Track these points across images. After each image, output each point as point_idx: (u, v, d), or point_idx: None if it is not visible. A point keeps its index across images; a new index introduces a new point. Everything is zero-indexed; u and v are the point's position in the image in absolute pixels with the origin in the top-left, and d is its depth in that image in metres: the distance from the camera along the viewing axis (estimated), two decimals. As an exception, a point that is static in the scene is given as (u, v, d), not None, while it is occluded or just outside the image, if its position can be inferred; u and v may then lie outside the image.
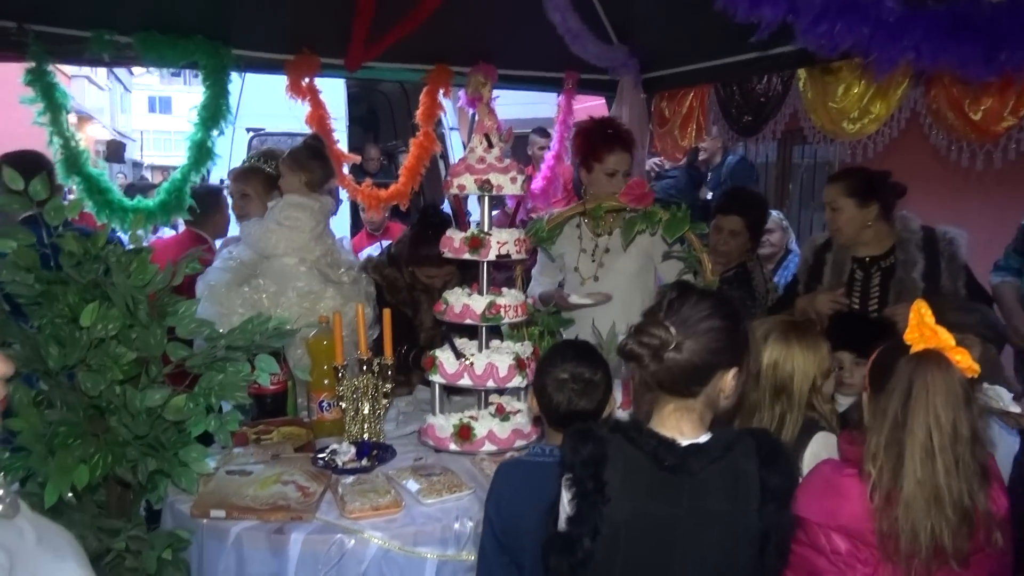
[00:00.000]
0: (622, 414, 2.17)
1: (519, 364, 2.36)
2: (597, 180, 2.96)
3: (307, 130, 3.72)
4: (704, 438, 1.41)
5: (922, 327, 1.40)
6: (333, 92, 4.90)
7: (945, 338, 1.38)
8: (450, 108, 5.30)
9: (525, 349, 2.50)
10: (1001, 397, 1.75)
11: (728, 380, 1.40)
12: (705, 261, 2.77)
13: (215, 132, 3.47)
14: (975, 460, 1.37)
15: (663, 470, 1.35)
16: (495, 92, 3.99)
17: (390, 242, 3.54)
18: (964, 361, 1.37)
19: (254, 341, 2.05)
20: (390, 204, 4.10)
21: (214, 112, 3.41)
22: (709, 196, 5.37)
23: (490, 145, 2.45)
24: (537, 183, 4.29)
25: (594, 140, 2.98)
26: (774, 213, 4.21)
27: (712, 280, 2.77)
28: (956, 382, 1.38)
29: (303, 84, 3.63)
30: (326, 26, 3.54)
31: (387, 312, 2.47)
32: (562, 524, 1.37)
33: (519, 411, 2.41)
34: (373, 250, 4.32)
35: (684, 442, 1.38)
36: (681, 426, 1.40)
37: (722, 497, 1.38)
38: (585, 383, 1.75)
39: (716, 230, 3.27)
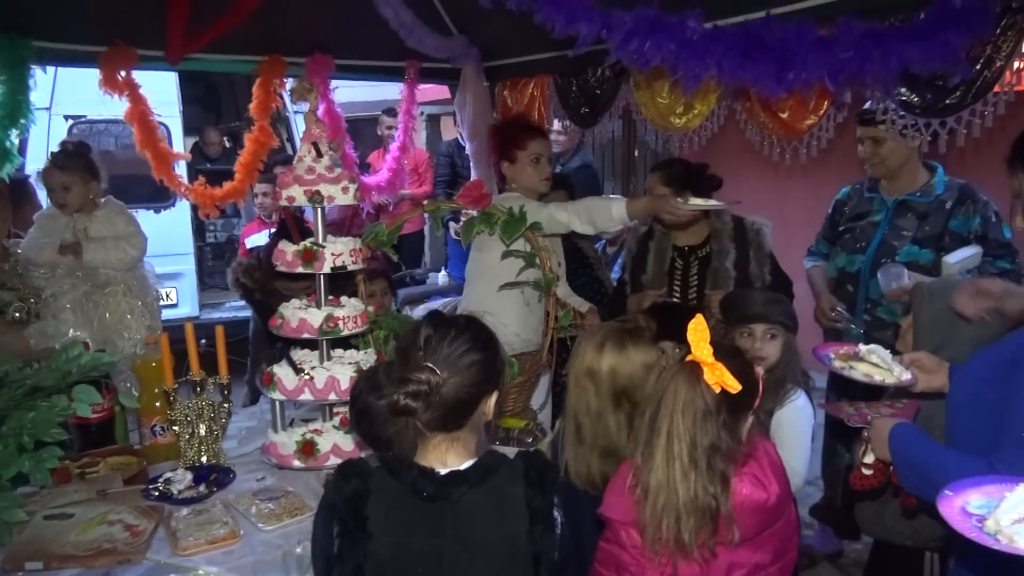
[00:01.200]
0: None
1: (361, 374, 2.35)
2: (522, 171, 2.97)
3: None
4: (466, 464, 1.42)
5: (693, 338, 1.49)
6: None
7: (705, 354, 1.48)
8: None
9: (368, 358, 2.49)
10: (884, 360, 1.86)
11: (490, 404, 1.45)
12: (544, 259, 2.85)
13: (14, 131, 3.17)
14: (712, 468, 1.48)
15: (423, 500, 1.37)
16: (334, 83, 3.93)
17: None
18: (719, 377, 1.47)
19: (67, 376, 1.92)
20: (226, 204, 3.91)
21: (12, 110, 3.10)
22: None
23: (319, 154, 2.38)
24: (382, 175, 4.23)
25: (513, 131, 3.02)
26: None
27: (551, 276, 2.85)
28: (699, 395, 1.48)
29: (119, 78, 3.37)
30: (141, 16, 3.29)
31: (219, 329, 2.39)
32: None
33: (364, 421, 2.40)
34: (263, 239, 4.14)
35: (444, 471, 1.39)
36: (446, 456, 1.42)
37: (488, 523, 1.38)
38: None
39: None
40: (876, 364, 1.86)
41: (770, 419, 2.27)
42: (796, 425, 2.25)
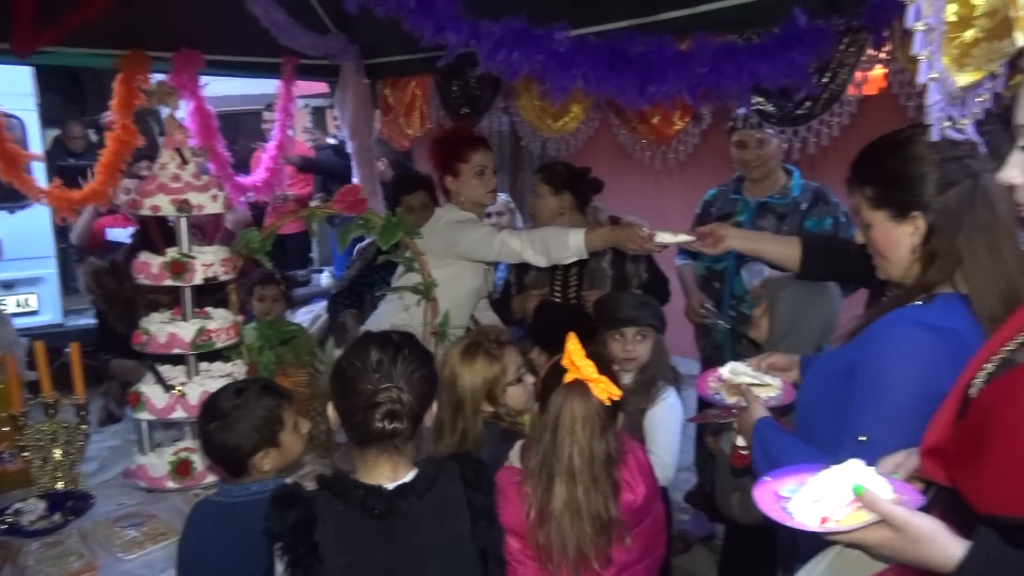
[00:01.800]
0: None
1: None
2: (466, 184, 2.85)
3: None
4: (411, 475, 1.45)
5: (572, 359, 1.54)
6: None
7: (589, 371, 1.53)
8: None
9: (239, 369, 2.42)
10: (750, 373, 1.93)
11: (432, 413, 1.50)
12: (422, 263, 2.84)
13: None
14: (609, 477, 1.55)
15: (374, 518, 1.38)
16: (204, 79, 3.75)
17: None
18: (605, 389, 1.53)
19: None
20: (84, 207, 3.66)
21: None
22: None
23: (184, 161, 2.28)
24: (259, 174, 4.09)
25: (455, 143, 2.89)
26: (502, 196, 4.42)
27: (429, 280, 2.85)
28: (594, 411, 1.53)
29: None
30: (-19, 5, 3.03)
31: (75, 346, 2.25)
32: None
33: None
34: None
35: (391, 485, 1.41)
36: (387, 471, 1.43)
37: (435, 529, 1.43)
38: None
39: (408, 210, 3.30)
40: (749, 383, 1.93)
41: (643, 417, 2.37)
42: (667, 421, 2.36)
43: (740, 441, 1.85)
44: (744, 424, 1.71)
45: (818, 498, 1.10)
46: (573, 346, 1.54)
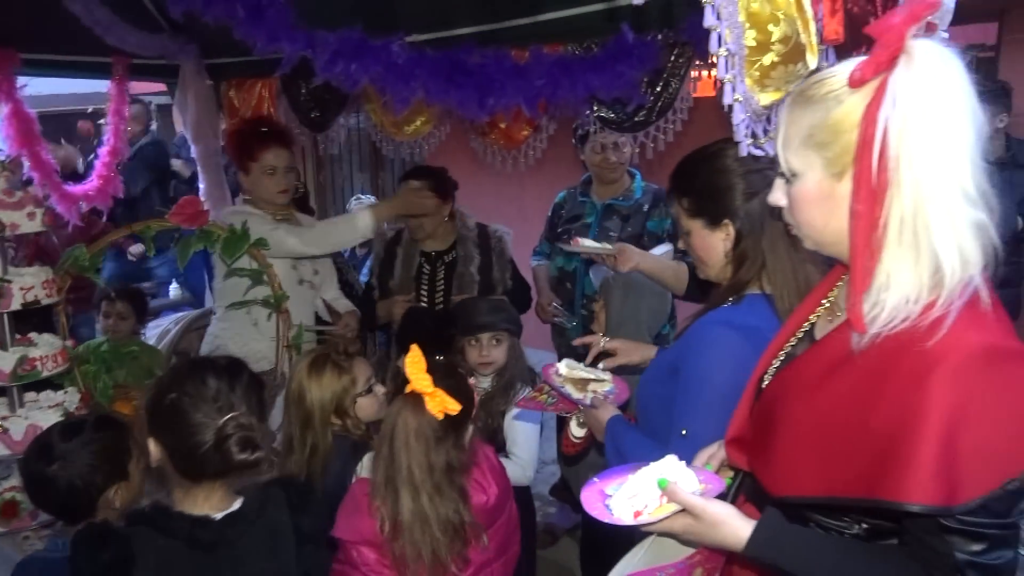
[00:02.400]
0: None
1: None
2: (257, 182, 2.76)
3: None
4: (237, 504, 1.41)
5: (408, 371, 1.55)
6: None
7: (422, 384, 1.54)
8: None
9: (71, 397, 2.26)
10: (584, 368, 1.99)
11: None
12: (272, 275, 2.76)
13: None
14: (453, 484, 1.58)
15: (202, 551, 1.32)
16: (21, 80, 3.45)
17: None
18: (441, 404, 1.54)
19: None
20: None
21: None
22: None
23: (-9, 176, 2.10)
24: (91, 183, 3.81)
25: (246, 138, 2.76)
26: (363, 198, 4.36)
27: (280, 293, 2.77)
28: (427, 424, 1.55)
29: None
30: None
31: None
32: None
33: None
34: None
35: (219, 515, 1.36)
36: (216, 501, 1.38)
37: (263, 558, 1.39)
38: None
39: None
40: (586, 377, 2.02)
41: (503, 419, 2.42)
42: (525, 422, 2.42)
43: (577, 432, 1.94)
44: (595, 422, 1.78)
45: (634, 494, 1.19)
46: (412, 358, 1.55)
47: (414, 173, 2.99)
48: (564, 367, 1.96)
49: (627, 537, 1.65)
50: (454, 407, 1.54)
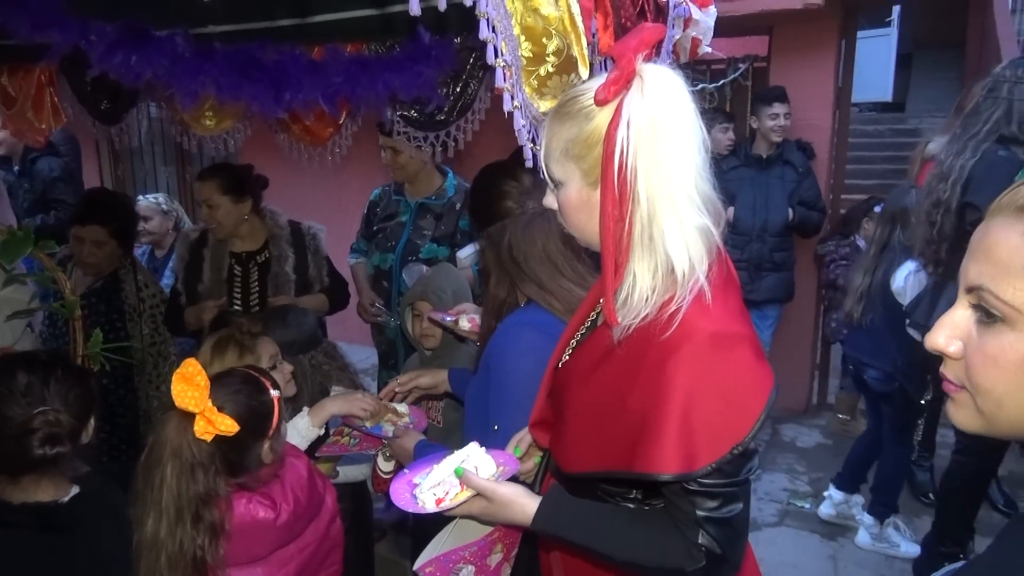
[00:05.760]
0: None
1: None
2: None
3: None
4: (75, 489, 1.45)
5: (176, 388, 1.42)
6: None
7: (188, 403, 1.41)
8: None
9: None
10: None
11: (89, 430, 1.51)
12: (61, 280, 2.55)
13: None
14: (200, 520, 1.43)
15: (57, 534, 1.35)
16: None
17: None
18: (212, 428, 1.42)
19: None
20: None
21: None
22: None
23: None
24: None
25: None
26: (150, 198, 4.09)
27: (73, 299, 2.56)
28: (188, 446, 1.43)
29: None
30: None
31: None
32: None
33: None
34: None
35: (65, 499, 1.40)
36: (51, 490, 1.42)
37: (111, 533, 1.45)
38: None
39: (77, 241, 2.94)
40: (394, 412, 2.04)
41: None
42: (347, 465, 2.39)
43: (385, 466, 1.99)
44: (401, 450, 1.82)
45: (437, 483, 1.27)
46: (182, 371, 1.42)
47: (208, 171, 2.91)
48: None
49: (447, 523, 1.73)
50: (230, 428, 1.42)
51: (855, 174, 6.50)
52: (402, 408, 2.06)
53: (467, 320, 2.23)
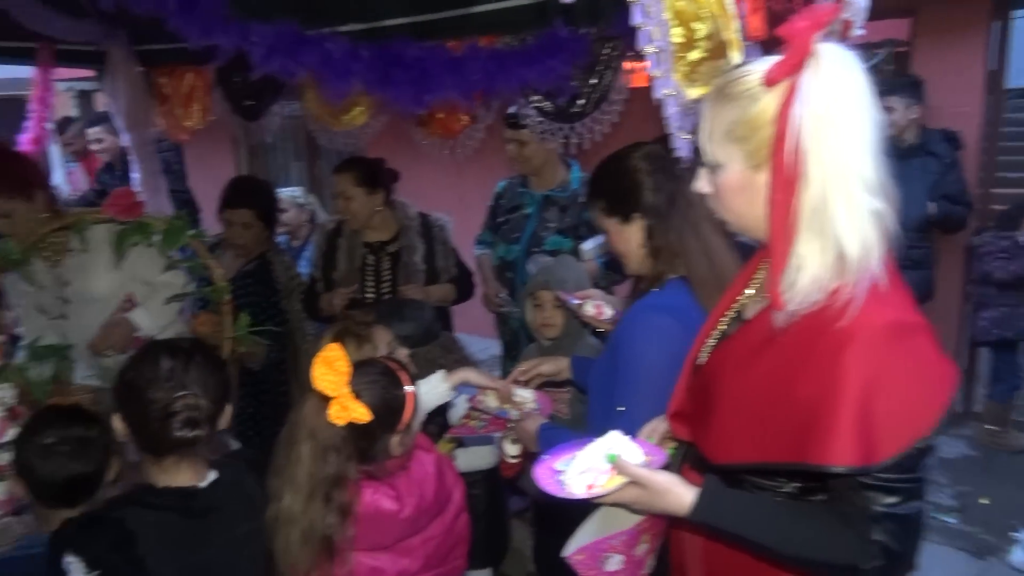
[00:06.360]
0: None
1: (13, 414, 2.09)
2: None
3: None
4: (213, 474, 1.49)
5: (319, 369, 1.46)
6: None
7: (327, 387, 1.45)
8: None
9: (8, 392, 2.20)
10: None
11: (227, 416, 1.54)
12: (213, 267, 2.73)
13: None
14: (332, 499, 1.48)
15: (194, 518, 1.41)
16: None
17: None
18: (346, 414, 1.45)
19: None
20: None
21: None
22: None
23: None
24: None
25: None
26: (287, 191, 4.30)
27: (223, 285, 2.74)
28: (324, 428, 1.47)
29: None
30: None
31: None
32: None
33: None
34: None
35: (203, 484, 1.46)
36: (190, 475, 1.47)
37: (244, 519, 1.50)
38: (78, 442, 1.64)
39: (227, 224, 3.14)
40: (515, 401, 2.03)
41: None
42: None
43: (511, 451, 2.01)
44: (526, 433, 1.85)
45: (585, 469, 1.27)
46: (325, 355, 1.46)
47: (345, 164, 2.99)
48: (490, 396, 2.04)
49: (579, 512, 1.74)
50: (363, 416, 1.46)
51: (1009, 166, 5.98)
52: (527, 394, 2.07)
53: (592, 306, 2.23)
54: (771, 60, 1.08)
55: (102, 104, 6.72)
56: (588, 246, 3.00)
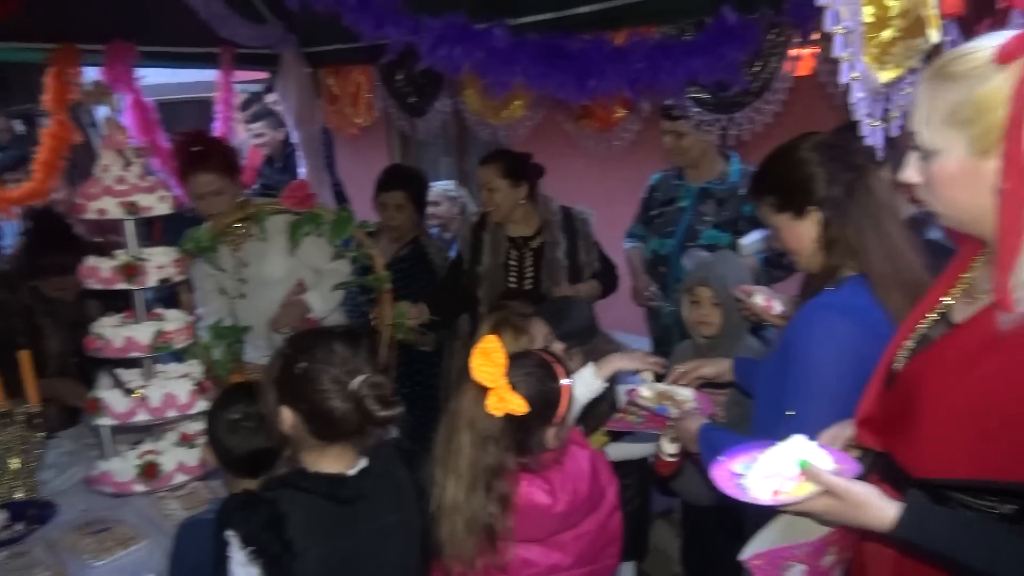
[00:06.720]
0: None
1: (201, 388, 2.29)
2: (194, 204, 2.81)
3: None
4: (364, 461, 1.50)
5: (477, 360, 1.48)
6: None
7: (484, 377, 1.46)
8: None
9: (196, 369, 2.41)
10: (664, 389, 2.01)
11: None
12: (376, 256, 2.87)
13: None
14: (492, 489, 1.52)
15: (342, 505, 1.42)
16: (140, 72, 3.66)
17: None
18: (503, 406, 1.46)
19: None
20: (25, 205, 3.53)
21: None
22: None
23: (128, 162, 2.25)
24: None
25: (181, 157, 2.80)
26: (440, 185, 4.43)
27: (384, 275, 2.88)
28: (482, 418, 1.50)
29: None
30: None
31: (25, 354, 2.23)
32: None
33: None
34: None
35: (352, 472, 1.47)
36: (347, 460, 1.48)
37: (392, 509, 1.50)
38: (261, 418, 1.68)
39: (381, 207, 3.33)
40: (669, 395, 2.00)
41: None
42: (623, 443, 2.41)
43: (669, 449, 1.95)
44: (686, 432, 1.80)
45: (769, 473, 1.20)
46: (484, 345, 1.48)
47: (490, 156, 3.04)
48: (647, 389, 1.99)
49: (734, 519, 1.67)
50: (519, 407, 1.47)
51: None
52: (687, 393, 2.03)
53: (763, 297, 2.14)
54: (1003, 35, 0.99)
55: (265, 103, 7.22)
56: (747, 241, 2.89)
